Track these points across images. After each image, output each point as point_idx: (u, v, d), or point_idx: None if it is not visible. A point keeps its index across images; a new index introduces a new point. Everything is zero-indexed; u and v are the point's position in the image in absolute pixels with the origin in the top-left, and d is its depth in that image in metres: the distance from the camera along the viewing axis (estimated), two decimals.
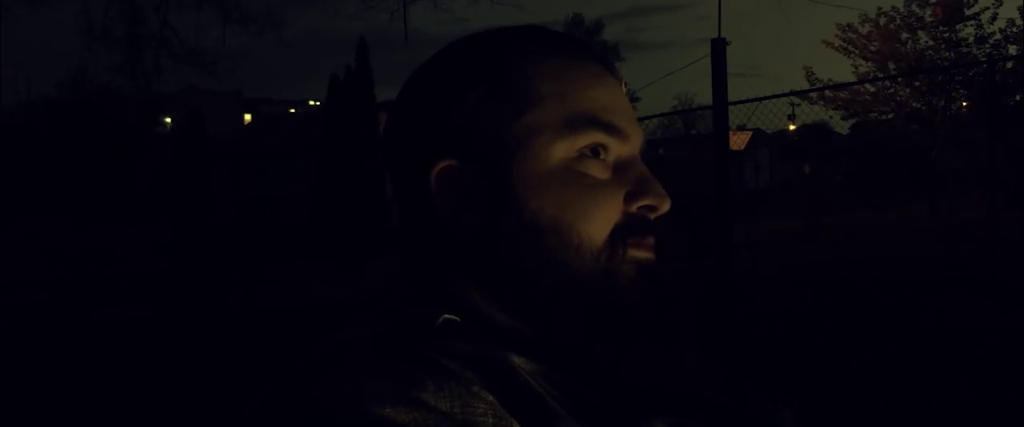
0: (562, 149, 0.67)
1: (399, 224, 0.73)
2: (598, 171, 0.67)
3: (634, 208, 0.68)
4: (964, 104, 19.60)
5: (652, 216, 0.69)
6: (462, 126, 0.68)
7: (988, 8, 18.86)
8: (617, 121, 0.69)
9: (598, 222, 0.66)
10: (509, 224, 0.66)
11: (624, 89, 0.74)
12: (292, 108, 59.13)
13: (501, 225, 0.67)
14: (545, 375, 0.64)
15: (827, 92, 19.15)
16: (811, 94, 17.88)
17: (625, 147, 0.69)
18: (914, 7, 19.31)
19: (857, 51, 20.00)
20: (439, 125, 0.69)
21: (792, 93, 9.06)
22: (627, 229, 0.67)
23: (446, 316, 0.64)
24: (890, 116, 20.64)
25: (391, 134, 0.73)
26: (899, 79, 19.30)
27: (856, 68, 20.21)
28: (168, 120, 41.61)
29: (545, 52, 0.70)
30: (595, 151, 0.68)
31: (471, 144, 0.68)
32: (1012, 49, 19.02)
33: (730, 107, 6.09)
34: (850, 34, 19.90)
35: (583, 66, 0.70)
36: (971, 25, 19.15)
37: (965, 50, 19.32)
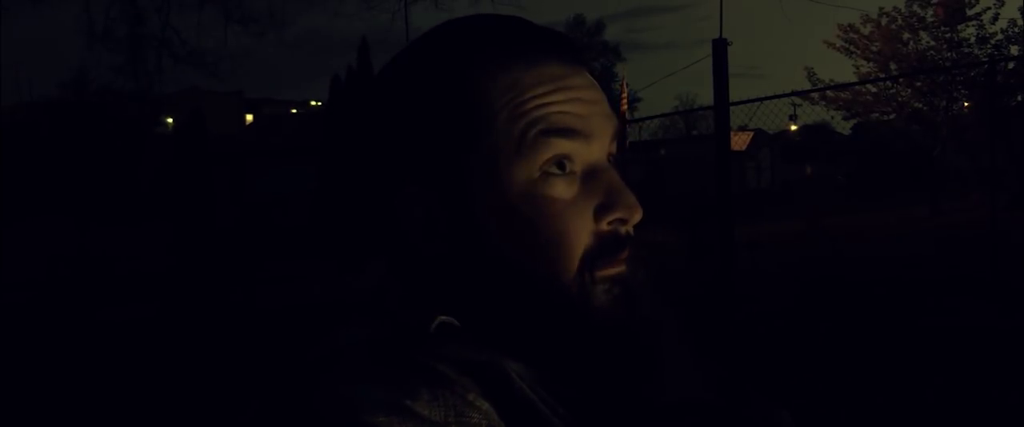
0: (522, 171, 0.63)
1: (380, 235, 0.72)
2: (564, 189, 0.64)
3: (605, 224, 0.65)
4: (966, 104, 19.55)
5: (623, 229, 0.66)
6: (422, 151, 0.66)
7: (990, 8, 18.83)
8: (573, 122, 0.65)
9: (567, 253, 0.64)
10: (473, 258, 0.65)
11: (590, 78, 0.68)
12: (293, 108, 58.99)
13: (465, 258, 0.65)
14: (541, 382, 0.63)
15: (828, 92, 19.10)
16: (812, 94, 17.84)
17: (591, 149, 0.66)
18: (915, 7, 19.27)
19: (858, 51, 19.95)
20: (400, 149, 0.67)
21: (793, 93, 9.05)
22: (598, 253, 0.65)
23: (442, 318, 0.64)
24: (891, 116, 20.59)
25: (356, 152, 0.71)
26: (900, 79, 19.25)
27: (857, 68, 20.18)
28: (169, 120, 41.63)
29: (500, 60, 0.65)
30: (560, 164, 0.64)
31: (431, 171, 0.65)
32: (1013, 49, 18.97)
33: (731, 107, 6.11)
34: (851, 34, 19.86)
35: (539, 69, 0.65)
36: (972, 25, 19.10)
37: (966, 50, 19.27)
